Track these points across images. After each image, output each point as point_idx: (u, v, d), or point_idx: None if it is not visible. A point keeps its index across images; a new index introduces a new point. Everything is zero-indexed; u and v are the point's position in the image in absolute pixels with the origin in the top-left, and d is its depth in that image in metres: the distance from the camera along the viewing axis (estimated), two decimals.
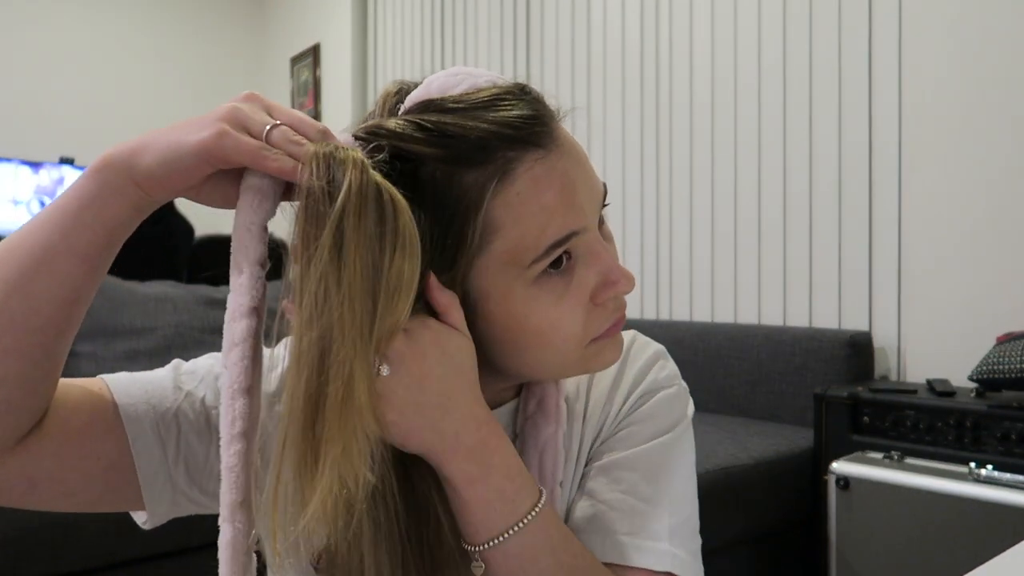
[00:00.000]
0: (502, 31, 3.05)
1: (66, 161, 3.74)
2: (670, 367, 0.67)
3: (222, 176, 0.48)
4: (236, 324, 0.47)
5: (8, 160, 3.59)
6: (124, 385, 0.57)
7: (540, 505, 0.52)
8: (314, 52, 4.20)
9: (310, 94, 4.23)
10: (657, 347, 0.68)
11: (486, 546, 0.51)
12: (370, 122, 0.52)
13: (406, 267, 0.46)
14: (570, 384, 0.65)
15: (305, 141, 0.46)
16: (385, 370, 0.47)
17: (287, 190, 0.48)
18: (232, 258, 0.48)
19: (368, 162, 0.46)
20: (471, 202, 0.49)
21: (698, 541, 0.61)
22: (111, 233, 0.48)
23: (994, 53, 1.75)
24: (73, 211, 0.47)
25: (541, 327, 0.52)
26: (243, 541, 0.46)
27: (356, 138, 0.51)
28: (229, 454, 0.46)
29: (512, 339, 0.53)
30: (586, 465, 0.63)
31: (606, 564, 0.57)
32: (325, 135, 0.48)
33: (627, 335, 0.67)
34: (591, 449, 0.64)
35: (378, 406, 0.47)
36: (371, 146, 0.49)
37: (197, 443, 0.57)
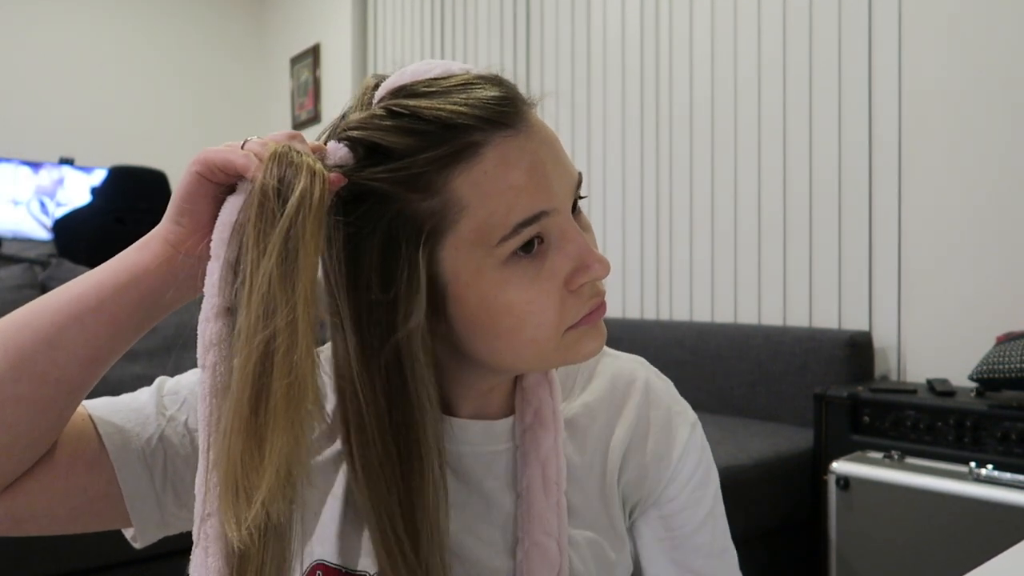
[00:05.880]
0: (502, 31, 3.05)
1: (66, 161, 3.74)
2: (684, 406, 0.69)
3: None
4: (211, 325, 0.46)
5: (8, 160, 3.58)
6: (107, 413, 0.56)
7: None
8: (314, 52, 4.20)
9: (310, 94, 4.23)
10: (672, 390, 0.70)
11: None
12: (348, 118, 0.52)
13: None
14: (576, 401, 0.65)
15: (273, 144, 0.47)
16: None
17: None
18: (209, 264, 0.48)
19: (326, 174, 0.46)
20: (439, 179, 0.49)
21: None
22: (142, 294, 0.49)
23: (994, 53, 1.75)
24: (108, 268, 0.49)
25: (513, 310, 0.51)
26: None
27: (338, 140, 0.51)
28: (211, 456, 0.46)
29: (483, 323, 0.52)
30: (637, 501, 0.67)
31: None
32: (292, 139, 0.48)
33: (638, 363, 0.69)
34: (622, 474, 0.66)
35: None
36: (346, 144, 0.50)
37: (183, 467, 0.57)
